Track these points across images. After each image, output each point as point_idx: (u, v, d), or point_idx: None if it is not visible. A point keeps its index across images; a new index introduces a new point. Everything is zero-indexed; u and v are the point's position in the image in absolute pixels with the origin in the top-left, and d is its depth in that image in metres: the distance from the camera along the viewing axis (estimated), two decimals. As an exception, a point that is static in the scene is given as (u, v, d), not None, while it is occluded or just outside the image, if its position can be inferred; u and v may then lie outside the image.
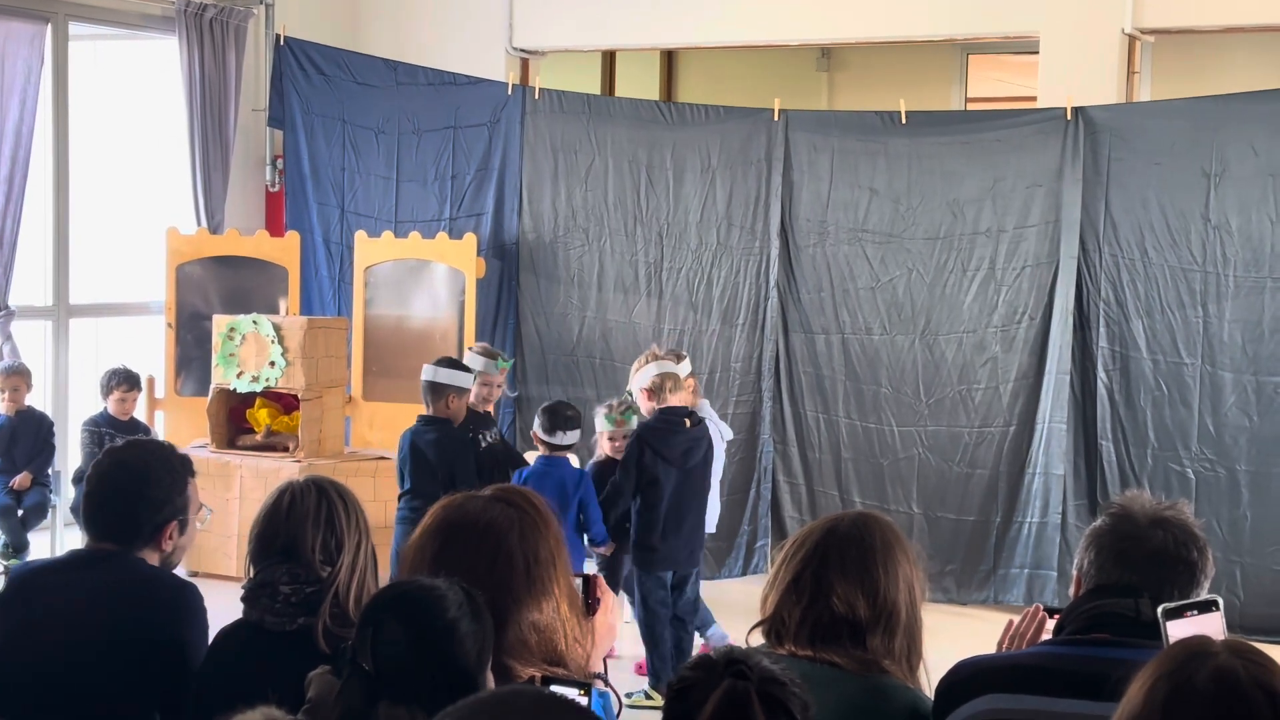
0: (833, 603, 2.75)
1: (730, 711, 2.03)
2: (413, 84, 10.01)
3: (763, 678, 2.08)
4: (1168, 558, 2.67)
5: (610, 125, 9.49)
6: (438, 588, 2.37)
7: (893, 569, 2.79)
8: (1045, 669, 2.64)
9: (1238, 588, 7.94)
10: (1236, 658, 1.84)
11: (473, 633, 2.33)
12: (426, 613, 2.32)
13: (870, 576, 2.77)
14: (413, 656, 2.28)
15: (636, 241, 9.39)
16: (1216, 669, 1.82)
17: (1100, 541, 2.74)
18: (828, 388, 8.91)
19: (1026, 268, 8.45)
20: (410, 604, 2.35)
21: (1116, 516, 2.76)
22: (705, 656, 2.15)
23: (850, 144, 8.86)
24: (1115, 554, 2.70)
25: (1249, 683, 1.81)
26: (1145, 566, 2.67)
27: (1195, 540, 2.72)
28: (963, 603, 8.43)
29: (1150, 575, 2.66)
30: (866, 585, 2.76)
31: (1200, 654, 1.86)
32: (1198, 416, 8.07)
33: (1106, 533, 2.74)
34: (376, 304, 9.66)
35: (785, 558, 2.85)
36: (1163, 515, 2.73)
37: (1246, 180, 7.96)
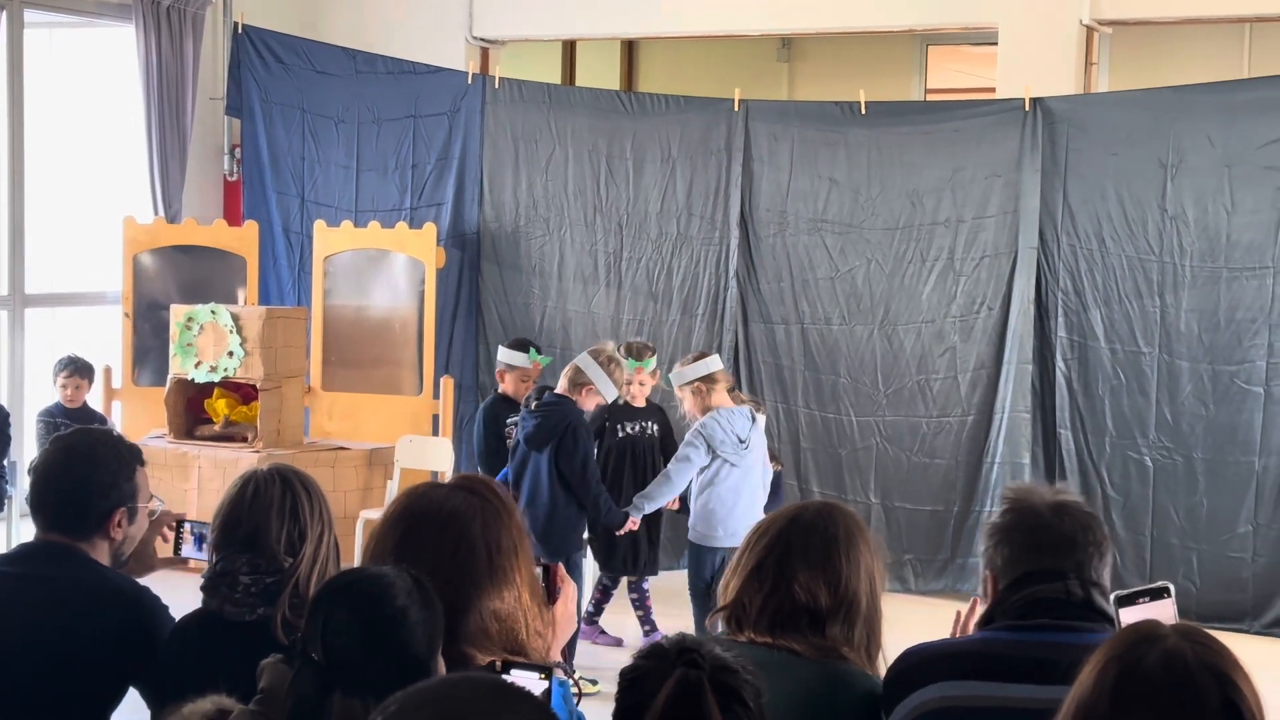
0: (794, 591, 2.77)
1: (683, 700, 2.04)
2: (372, 73, 9.97)
3: (715, 666, 2.08)
4: (1077, 543, 2.71)
5: (571, 115, 9.48)
6: (385, 575, 2.36)
7: (854, 559, 2.81)
8: (991, 655, 2.66)
9: (1194, 574, 8.00)
10: (1185, 641, 1.86)
11: (423, 620, 2.33)
12: (375, 601, 2.31)
13: (832, 566, 2.79)
14: (362, 645, 2.27)
15: (596, 231, 9.39)
16: (1165, 652, 1.84)
17: (1010, 537, 2.76)
18: (787, 378, 8.94)
19: (985, 258, 8.49)
20: (358, 592, 2.34)
21: (1019, 511, 2.78)
22: (657, 645, 2.15)
23: (810, 134, 8.88)
24: (1026, 545, 2.73)
25: (1197, 665, 1.83)
26: (1059, 550, 2.71)
27: (1094, 521, 2.77)
28: (921, 592, 8.48)
29: (1067, 557, 2.70)
30: (828, 574, 2.78)
31: (1150, 637, 1.88)
32: (1155, 405, 8.13)
33: (1014, 528, 2.76)
34: (336, 294, 9.63)
35: (748, 545, 2.87)
36: (1062, 502, 2.77)
37: (1203, 171, 8.01)
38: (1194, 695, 1.81)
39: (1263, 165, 7.87)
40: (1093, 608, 2.65)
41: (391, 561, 2.49)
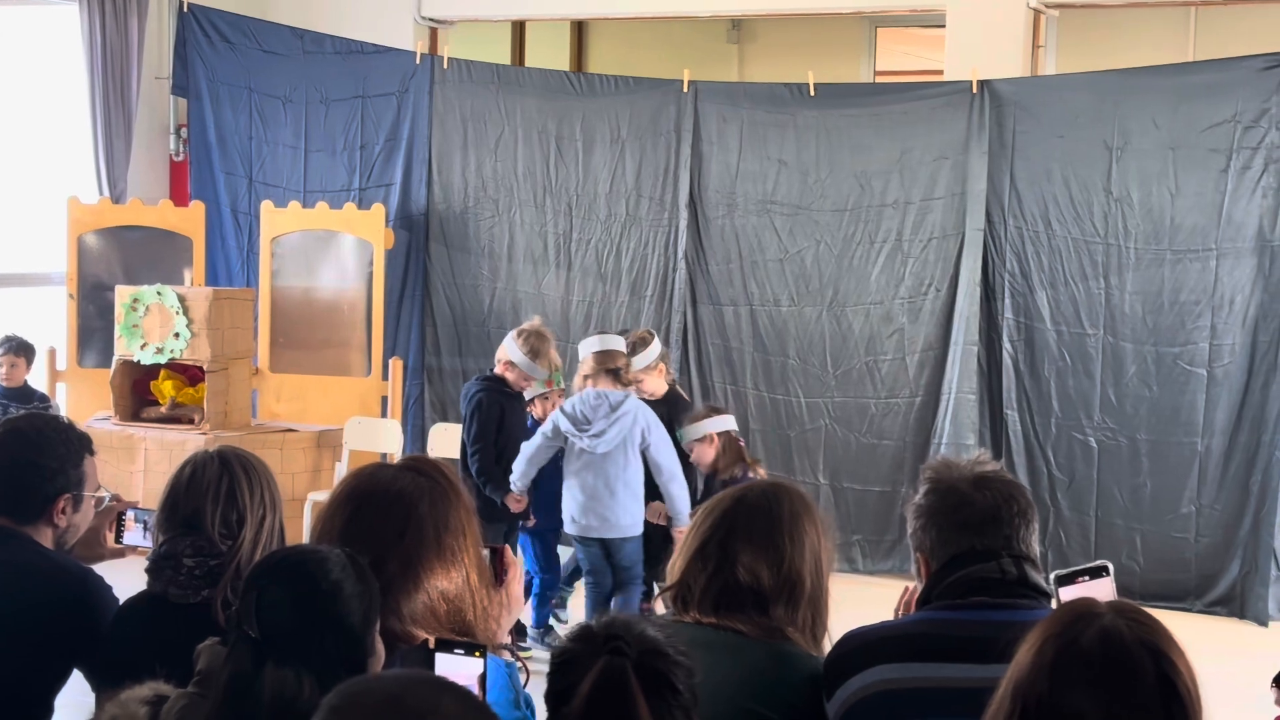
0: (737, 572, 2.76)
1: (607, 689, 2.04)
2: (320, 53, 9.91)
3: (643, 650, 2.08)
4: (1004, 515, 2.72)
5: (519, 95, 9.45)
6: (319, 551, 2.37)
7: (799, 539, 2.80)
8: (931, 635, 2.67)
9: (1138, 555, 8.08)
10: (1121, 618, 1.89)
11: (358, 594, 2.33)
12: (309, 576, 2.32)
13: (775, 547, 2.78)
14: (297, 619, 2.27)
15: (546, 212, 9.37)
16: (1102, 629, 1.87)
17: (935, 519, 2.77)
18: (735, 359, 8.96)
19: (933, 239, 8.53)
20: (292, 568, 2.34)
21: (939, 491, 2.78)
22: (587, 627, 2.14)
23: (759, 116, 8.89)
24: (954, 525, 2.73)
25: (1134, 642, 1.86)
26: (985, 528, 2.71)
27: (1017, 488, 2.78)
28: (869, 572, 8.52)
29: (994, 534, 2.71)
30: (771, 555, 2.77)
31: (1086, 615, 1.91)
32: (1100, 386, 8.19)
33: (939, 509, 2.77)
34: (283, 275, 9.57)
35: (694, 525, 2.86)
36: (981, 474, 2.77)
37: (1147, 153, 8.07)
38: (1130, 671, 1.84)
39: (1207, 148, 7.93)
40: (1027, 584, 2.67)
41: (339, 542, 2.49)
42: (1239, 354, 7.94)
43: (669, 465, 6.54)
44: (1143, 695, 1.83)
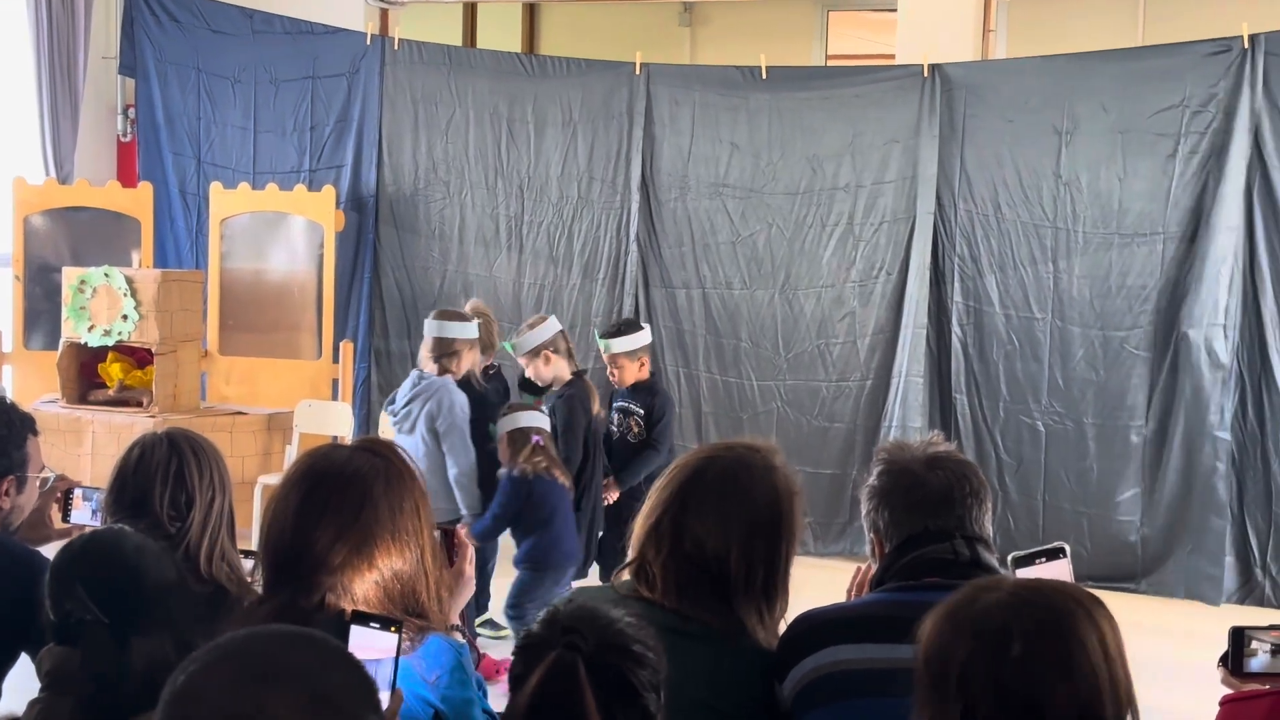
0: (693, 550, 2.73)
1: (555, 684, 1.99)
2: (269, 32, 9.84)
3: (601, 644, 2.02)
4: (956, 495, 2.72)
5: (471, 77, 9.42)
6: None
7: (753, 518, 2.73)
8: (885, 617, 2.67)
9: (1085, 538, 8.13)
10: (1020, 589, 1.94)
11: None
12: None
13: (727, 527, 2.71)
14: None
15: (497, 195, 9.34)
16: (999, 599, 1.94)
17: (889, 500, 2.76)
18: (688, 342, 8.96)
19: (884, 223, 8.56)
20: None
21: (893, 471, 2.78)
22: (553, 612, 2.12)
23: (711, 98, 8.89)
24: (907, 506, 2.73)
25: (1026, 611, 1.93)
26: (938, 508, 2.71)
27: (970, 469, 2.78)
28: (821, 554, 8.56)
29: (947, 515, 2.71)
30: (722, 533, 2.70)
31: (988, 588, 1.97)
32: (1048, 370, 8.25)
33: (890, 490, 2.77)
34: (233, 257, 9.50)
35: (655, 491, 2.81)
36: (934, 455, 2.77)
37: (1096, 138, 8.12)
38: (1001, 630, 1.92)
39: (1155, 133, 7.99)
40: (980, 564, 2.67)
41: (293, 523, 2.48)
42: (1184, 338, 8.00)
43: (454, 458, 6.22)
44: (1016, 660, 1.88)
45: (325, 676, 1.54)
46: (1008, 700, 1.88)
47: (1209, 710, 2.89)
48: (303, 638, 1.59)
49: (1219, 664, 2.99)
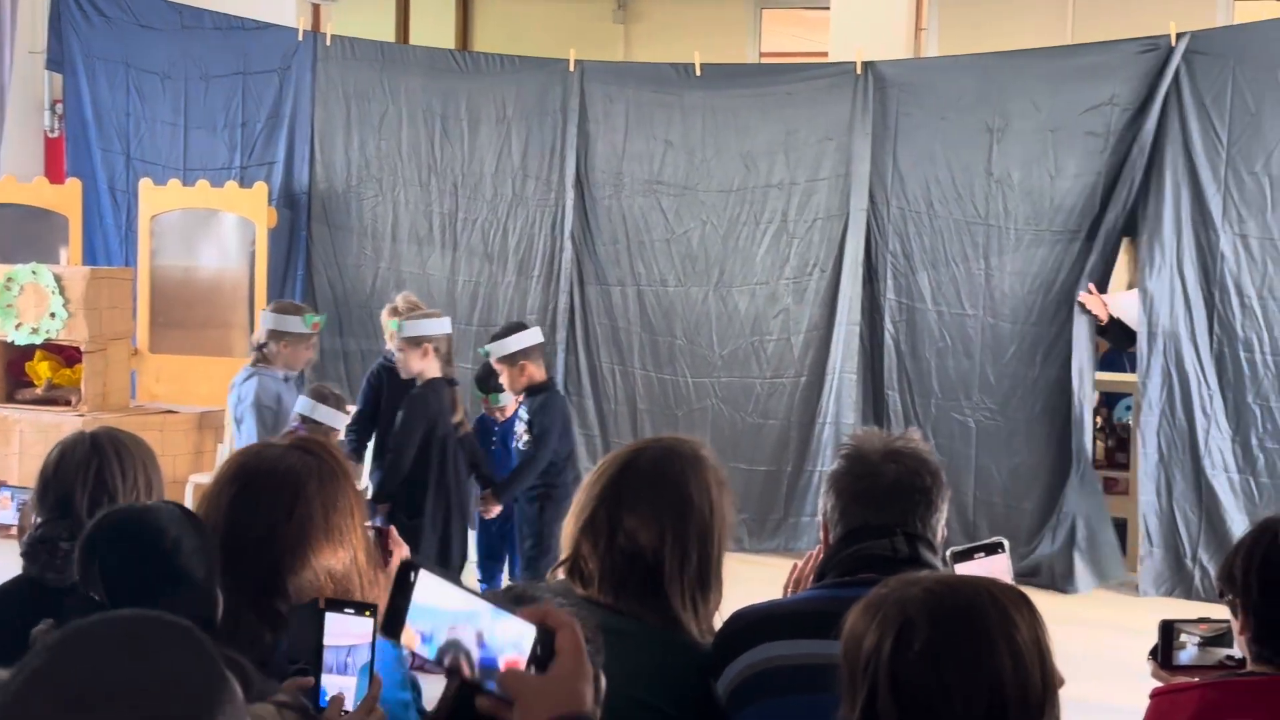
0: (627, 544, 2.72)
1: None
2: (199, 28, 9.75)
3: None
4: (903, 489, 2.72)
5: (404, 74, 9.37)
6: (151, 508, 2.34)
7: (685, 508, 2.71)
8: (819, 613, 2.66)
9: (1017, 533, 8.18)
10: (938, 583, 1.96)
11: (198, 548, 2.31)
12: (147, 534, 2.29)
13: (660, 519, 2.70)
14: (141, 577, 2.24)
15: (431, 192, 9.30)
16: (920, 590, 1.95)
17: (839, 486, 2.77)
18: (623, 339, 8.96)
19: (818, 220, 8.59)
20: (128, 528, 2.31)
21: (850, 458, 2.79)
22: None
23: (645, 96, 8.89)
24: (854, 496, 2.74)
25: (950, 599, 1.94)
26: (884, 502, 2.71)
27: (927, 466, 2.76)
28: (755, 551, 8.57)
29: (892, 509, 2.71)
30: (656, 526, 2.69)
31: (909, 581, 1.97)
32: (979, 367, 8.30)
33: (843, 475, 2.77)
34: (163, 254, 9.42)
35: (585, 487, 2.79)
36: (893, 448, 2.76)
37: (1028, 135, 8.19)
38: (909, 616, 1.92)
39: (1085, 130, 8.06)
40: (919, 562, 2.68)
41: (224, 520, 2.46)
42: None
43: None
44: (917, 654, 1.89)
45: (160, 692, 1.36)
46: (903, 692, 1.89)
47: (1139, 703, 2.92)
48: (134, 642, 1.41)
49: (1149, 657, 3.02)
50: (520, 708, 1.64)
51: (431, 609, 1.67)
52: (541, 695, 1.64)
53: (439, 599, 1.68)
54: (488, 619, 1.67)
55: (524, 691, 1.64)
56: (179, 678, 1.37)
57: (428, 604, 1.67)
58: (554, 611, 1.72)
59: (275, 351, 6.69)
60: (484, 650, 1.66)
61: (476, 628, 1.66)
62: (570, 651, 1.67)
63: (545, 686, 1.65)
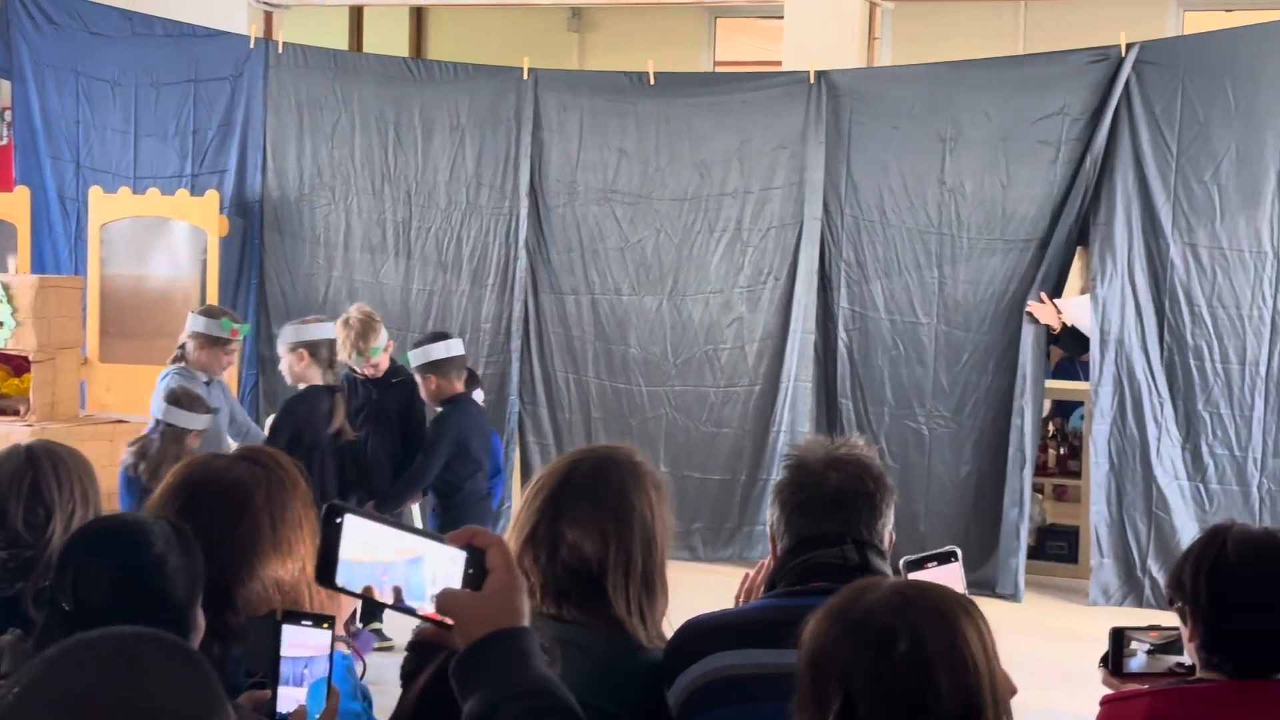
0: (570, 556, 2.71)
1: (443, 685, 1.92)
2: (150, 35, 9.69)
3: None
4: (846, 497, 2.72)
5: (357, 82, 9.34)
6: (143, 522, 2.31)
7: (627, 516, 2.71)
8: (771, 622, 2.67)
9: (969, 542, 8.20)
10: (902, 589, 1.95)
11: (182, 567, 2.28)
12: (130, 547, 2.26)
13: (602, 528, 2.69)
14: (116, 592, 2.21)
15: (384, 200, 9.27)
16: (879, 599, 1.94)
17: (783, 496, 2.77)
18: (577, 348, 8.95)
19: (772, 229, 8.61)
20: (114, 540, 2.28)
21: (793, 468, 2.79)
22: None
23: (600, 104, 8.89)
24: (798, 506, 2.74)
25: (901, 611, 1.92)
26: (829, 511, 2.72)
27: (869, 471, 2.77)
28: (709, 560, 8.57)
29: (837, 518, 2.72)
30: (599, 536, 2.68)
31: (869, 587, 1.96)
32: (933, 375, 8.33)
33: (787, 486, 2.77)
34: (113, 263, 9.35)
35: (525, 502, 2.78)
36: (835, 456, 2.77)
37: (980, 145, 8.23)
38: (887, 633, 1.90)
39: (1037, 140, 8.11)
40: (870, 570, 2.68)
41: None
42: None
43: None
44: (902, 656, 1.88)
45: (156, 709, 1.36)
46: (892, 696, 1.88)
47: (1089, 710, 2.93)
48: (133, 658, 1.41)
49: (1099, 664, 3.03)
50: (459, 626, 1.72)
51: (360, 550, 1.74)
52: (478, 611, 1.72)
53: (367, 540, 1.74)
54: (417, 549, 1.74)
55: (461, 610, 1.71)
56: (175, 696, 1.38)
57: (356, 546, 1.74)
58: (481, 531, 1.78)
59: (193, 352, 6.76)
60: (417, 579, 1.73)
61: (407, 559, 1.73)
62: (502, 567, 1.74)
63: (482, 602, 1.72)
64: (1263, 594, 2.71)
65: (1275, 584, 2.72)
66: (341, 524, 1.74)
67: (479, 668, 1.71)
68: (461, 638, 1.72)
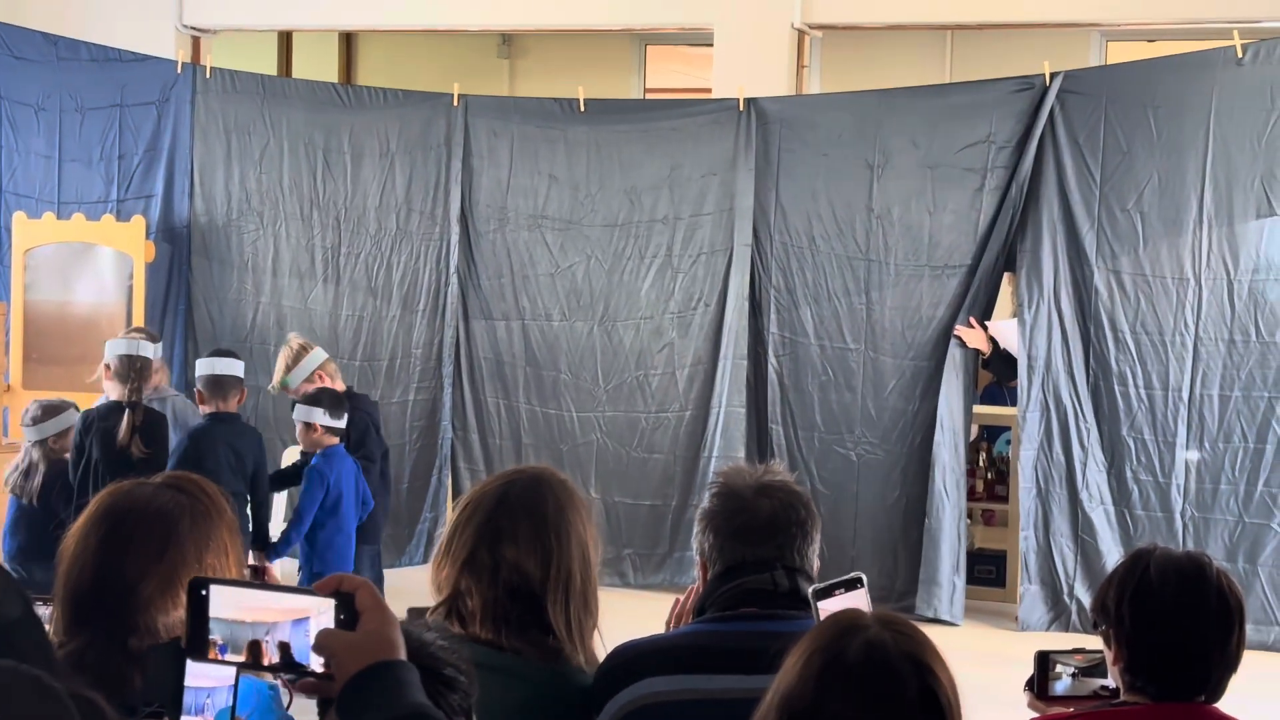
0: (510, 578, 2.71)
1: None
2: (75, 59, 9.60)
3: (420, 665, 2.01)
4: (779, 524, 2.74)
5: (285, 107, 9.29)
6: None
7: (566, 534, 2.74)
8: (700, 647, 2.67)
9: (899, 567, 8.24)
10: (886, 630, 1.92)
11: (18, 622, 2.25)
12: None
13: (544, 545, 2.71)
14: None
15: (313, 226, 9.22)
16: (867, 642, 1.90)
17: (715, 523, 2.78)
18: (508, 374, 8.93)
19: (702, 255, 8.63)
20: None
21: (723, 495, 2.80)
22: None
23: (530, 130, 8.90)
24: (732, 533, 2.75)
25: (897, 654, 1.89)
26: (762, 537, 2.73)
27: (799, 498, 2.80)
28: (640, 586, 8.56)
29: (769, 544, 2.73)
30: (541, 554, 2.71)
31: (852, 628, 1.93)
32: (861, 401, 8.37)
33: (719, 513, 2.78)
34: (37, 288, 9.24)
35: (458, 527, 2.77)
36: (765, 483, 2.80)
37: (907, 172, 8.29)
38: (893, 684, 1.88)
39: (963, 167, 8.18)
40: (799, 596, 2.69)
41: (94, 561, 2.40)
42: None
43: None
44: (903, 707, 1.87)
45: None
46: None
47: (1016, 733, 2.94)
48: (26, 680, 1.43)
49: (1025, 688, 3.05)
50: (338, 664, 1.76)
51: (229, 617, 1.78)
52: (356, 648, 1.76)
53: (236, 605, 1.79)
54: (285, 608, 1.78)
55: (339, 648, 1.76)
56: None
57: (225, 614, 1.79)
58: (347, 577, 1.83)
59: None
60: (291, 637, 1.78)
61: (276, 619, 1.78)
62: (373, 607, 1.80)
63: (359, 640, 1.77)
64: (1185, 617, 2.74)
65: (1197, 607, 2.74)
66: (207, 595, 1.78)
67: (358, 699, 1.75)
68: (340, 674, 1.76)
